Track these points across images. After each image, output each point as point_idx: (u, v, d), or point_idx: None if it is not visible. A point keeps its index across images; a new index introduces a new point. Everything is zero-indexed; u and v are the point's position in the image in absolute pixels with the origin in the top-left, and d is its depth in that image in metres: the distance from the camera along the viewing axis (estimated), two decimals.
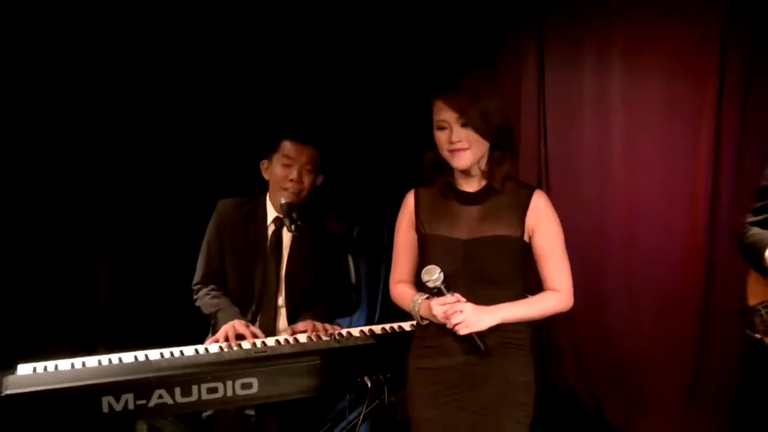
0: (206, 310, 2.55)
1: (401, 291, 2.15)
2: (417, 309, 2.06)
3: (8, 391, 1.99)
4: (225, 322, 2.44)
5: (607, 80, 3.42)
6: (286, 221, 2.52)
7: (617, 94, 3.39)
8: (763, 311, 2.29)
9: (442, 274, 1.97)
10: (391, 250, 2.27)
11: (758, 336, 2.30)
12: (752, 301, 2.34)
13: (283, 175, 2.57)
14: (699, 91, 3.18)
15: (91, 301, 3.50)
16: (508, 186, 2.07)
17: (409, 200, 2.15)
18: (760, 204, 2.34)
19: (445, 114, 1.99)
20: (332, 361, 2.32)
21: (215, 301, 2.55)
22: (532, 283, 2.11)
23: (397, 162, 3.36)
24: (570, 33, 3.49)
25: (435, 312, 1.99)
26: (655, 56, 3.26)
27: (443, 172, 2.08)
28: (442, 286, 1.97)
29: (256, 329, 2.46)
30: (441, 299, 1.98)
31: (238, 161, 2.88)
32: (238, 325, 2.43)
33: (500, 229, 2.03)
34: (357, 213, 3.28)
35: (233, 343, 2.37)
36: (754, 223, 2.35)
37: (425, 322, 2.07)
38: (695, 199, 3.25)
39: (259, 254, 2.64)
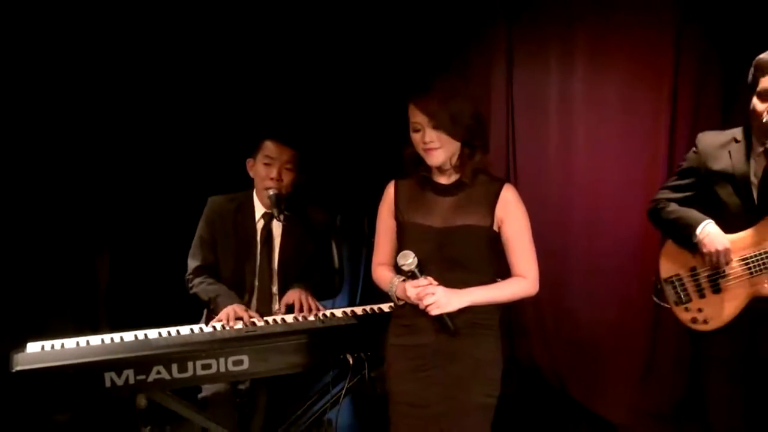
0: (204, 296, 2.58)
1: (381, 273, 2.21)
2: (394, 290, 2.12)
3: (18, 368, 2.06)
4: (225, 306, 2.48)
5: (570, 80, 3.50)
6: (275, 211, 2.56)
7: (580, 93, 3.47)
8: (676, 283, 2.38)
9: (416, 259, 2.03)
10: (371, 237, 2.32)
11: (667, 305, 2.41)
12: (665, 274, 2.41)
13: (265, 173, 2.60)
14: (655, 92, 3.25)
15: (94, 285, 3.52)
16: (480, 179, 2.13)
17: (390, 190, 2.22)
18: (680, 182, 2.41)
19: (418, 117, 2.05)
20: (317, 339, 2.38)
21: (213, 287, 2.58)
22: (505, 270, 2.17)
23: (375, 156, 3.44)
24: (536, 36, 3.55)
25: (409, 293, 2.05)
26: (614, 59, 3.34)
27: (420, 165, 2.14)
28: (416, 270, 2.03)
29: (253, 312, 2.51)
30: (414, 282, 2.04)
31: (227, 159, 2.92)
32: (238, 308, 2.47)
33: (471, 219, 2.09)
34: (339, 203, 3.28)
35: (233, 324, 2.42)
36: (672, 200, 2.41)
37: (401, 303, 2.13)
38: (652, 191, 3.28)
39: (250, 247, 2.67)
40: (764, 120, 2.11)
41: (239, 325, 2.43)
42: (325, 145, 3.46)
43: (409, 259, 2.03)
